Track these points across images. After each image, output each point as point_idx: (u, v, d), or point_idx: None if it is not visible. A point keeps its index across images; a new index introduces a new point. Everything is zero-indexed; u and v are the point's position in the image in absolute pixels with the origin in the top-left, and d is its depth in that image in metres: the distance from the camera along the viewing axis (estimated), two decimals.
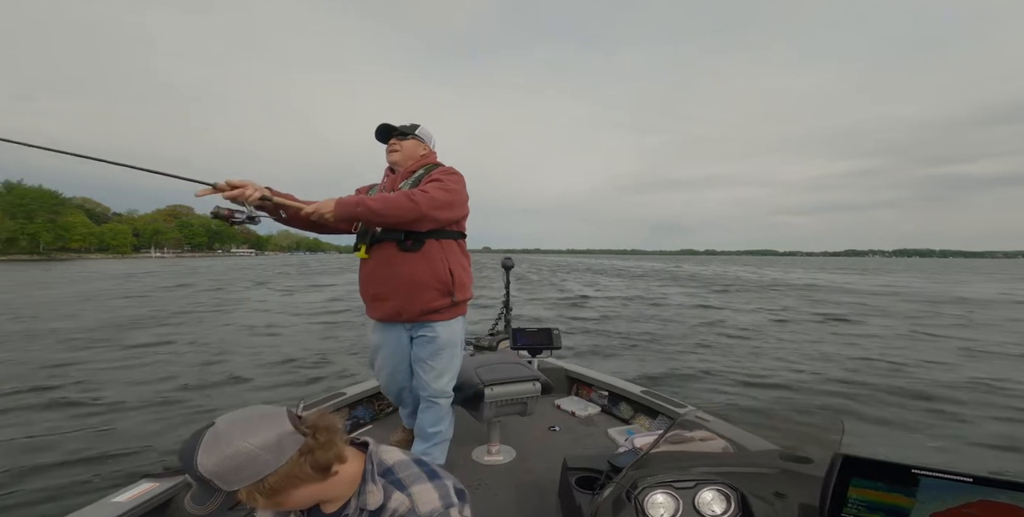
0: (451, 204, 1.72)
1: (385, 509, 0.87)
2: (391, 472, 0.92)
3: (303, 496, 0.84)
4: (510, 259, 3.51)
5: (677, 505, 1.15)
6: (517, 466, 2.17)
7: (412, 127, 1.88)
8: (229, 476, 0.76)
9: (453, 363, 1.91)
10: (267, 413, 0.82)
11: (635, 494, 1.14)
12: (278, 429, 0.79)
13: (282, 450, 0.78)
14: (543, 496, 1.90)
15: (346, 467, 0.88)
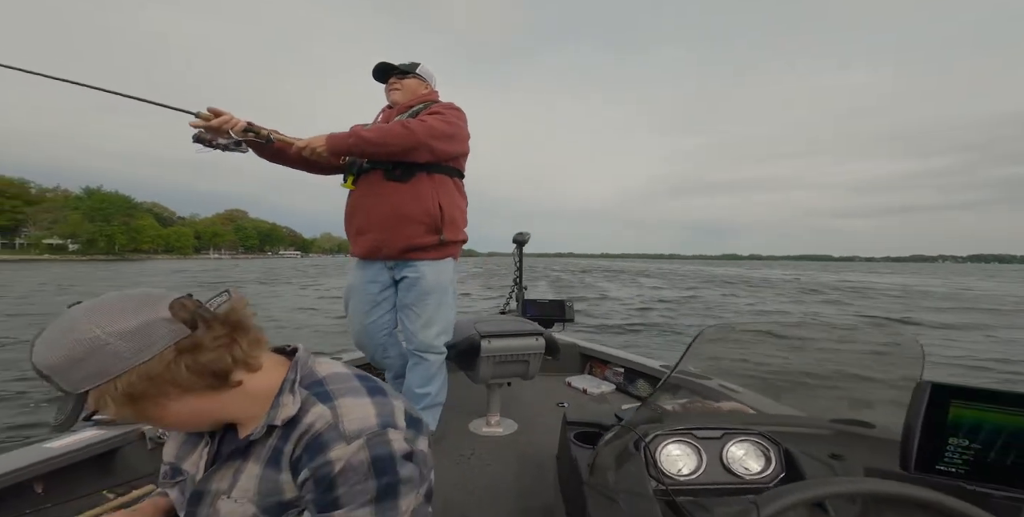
0: (451, 136, 1.59)
1: (297, 425, 0.65)
2: (320, 384, 0.70)
3: (188, 411, 0.63)
4: (523, 234, 3.31)
5: (700, 459, 0.90)
6: (517, 438, 1.96)
7: (413, 65, 1.75)
8: (69, 372, 0.57)
9: (442, 312, 1.71)
10: (145, 296, 0.61)
11: (646, 442, 0.90)
12: (147, 315, 0.59)
13: (146, 341, 0.58)
14: (541, 469, 1.68)
15: (259, 378, 0.67)
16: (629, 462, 0.91)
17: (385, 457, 0.64)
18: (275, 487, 0.66)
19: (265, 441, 0.67)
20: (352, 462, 0.62)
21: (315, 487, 0.62)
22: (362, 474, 0.62)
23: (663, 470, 0.91)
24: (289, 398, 0.67)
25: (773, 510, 0.51)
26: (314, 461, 0.62)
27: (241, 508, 0.66)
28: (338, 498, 0.62)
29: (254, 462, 0.68)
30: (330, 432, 0.63)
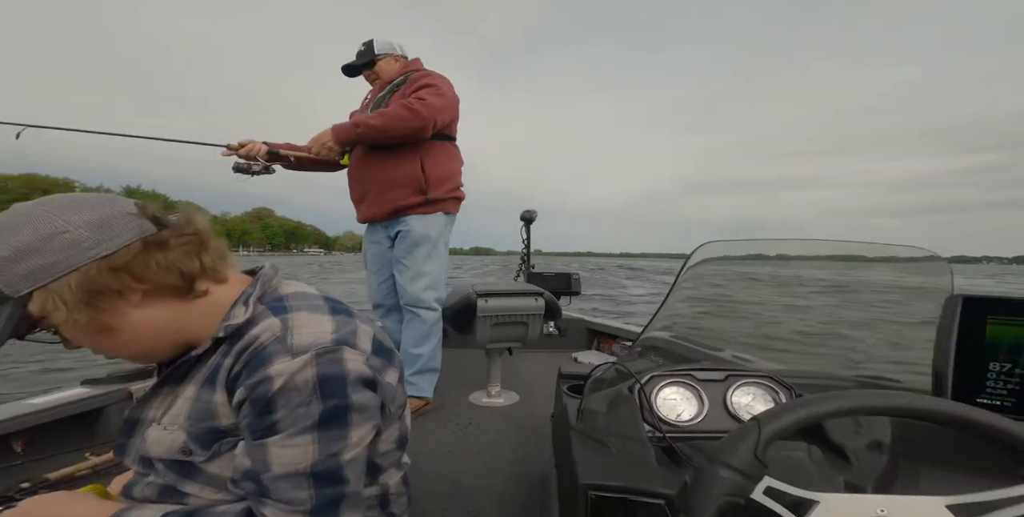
0: (448, 107, 1.64)
1: (242, 338, 0.55)
2: (280, 300, 0.60)
3: (149, 324, 0.54)
4: (531, 211, 3.19)
5: (700, 404, 0.78)
6: (517, 409, 1.86)
7: (368, 50, 1.75)
8: (14, 265, 0.47)
9: (430, 265, 1.70)
10: (105, 194, 0.55)
11: (640, 384, 0.78)
12: (111, 208, 0.52)
13: (110, 233, 0.50)
14: (541, 438, 1.57)
15: (223, 291, 0.59)
16: (621, 406, 0.77)
17: (335, 377, 0.53)
18: (207, 409, 0.56)
19: (206, 360, 0.58)
20: (295, 380, 0.51)
21: (251, 409, 0.52)
22: (306, 395, 0.52)
23: (659, 415, 0.77)
24: (241, 309, 0.58)
25: (778, 428, 0.40)
26: (252, 377, 0.52)
27: (170, 436, 0.56)
28: (276, 423, 0.51)
29: (191, 385, 0.58)
30: (275, 344, 0.53)
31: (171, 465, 0.57)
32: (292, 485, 0.52)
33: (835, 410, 0.41)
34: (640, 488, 0.56)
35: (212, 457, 0.56)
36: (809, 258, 0.89)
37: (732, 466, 0.39)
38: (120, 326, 0.53)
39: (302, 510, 0.52)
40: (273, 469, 0.52)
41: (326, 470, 0.53)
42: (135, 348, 0.56)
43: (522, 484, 1.30)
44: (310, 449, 0.52)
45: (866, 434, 0.66)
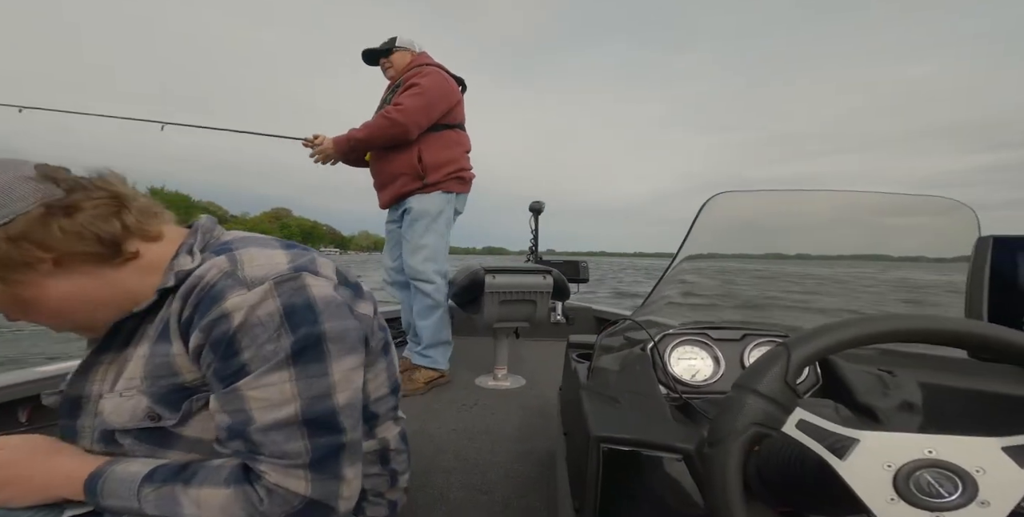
0: (429, 106, 1.71)
1: (187, 280, 0.50)
2: (226, 244, 0.55)
3: (76, 293, 0.49)
4: (539, 202, 3.14)
5: (716, 364, 0.72)
6: (523, 392, 1.82)
7: (391, 41, 1.88)
8: None
9: (428, 238, 1.76)
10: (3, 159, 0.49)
11: (654, 342, 0.73)
12: (3, 174, 0.46)
13: (2, 198, 0.45)
14: (547, 419, 1.53)
15: (159, 248, 0.53)
16: (634, 365, 0.72)
17: (301, 305, 0.48)
18: (166, 364, 0.50)
19: (155, 315, 0.52)
20: (256, 313, 0.46)
21: (213, 353, 0.47)
22: (272, 328, 0.46)
23: (674, 374, 0.71)
24: (187, 258, 0.52)
25: (810, 353, 0.35)
26: (206, 316, 0.46)
27: (130, 402, 0.50)
28: (244, 365, 0.46)
29: (141, 343, 0.52)
30: (225, 279, 0.48)
31: (141, 435, 0.52)
32: (284, 437, 0.47)
33: (872, 333, 0.36)
34: (656, 442, 0.51)
35: (184, 418, 0.51)
36: (820, 258, 0.83)
37: (760, 392, 0.34)
38: (41, 298, 0.48)
39: (300, 464, 0.48)
40: (256, 419, 0.47)
41: (318, 417, 0.48)
42: (71, 319, 0.52)
43: (528, 460, 1.26)
44: (287, 388, 0.47)
45: (895, 394, 0.60)
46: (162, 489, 0.48)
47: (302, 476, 0.48)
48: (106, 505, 0.49)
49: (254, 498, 0.47)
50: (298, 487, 0.47)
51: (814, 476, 0.35)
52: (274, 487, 0.47)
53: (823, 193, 0.75)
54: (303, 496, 0.48)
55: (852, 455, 0.33)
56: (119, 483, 0.49)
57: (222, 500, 0.47)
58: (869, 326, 0.36)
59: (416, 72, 1.77)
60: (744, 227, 0.84)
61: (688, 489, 0.48)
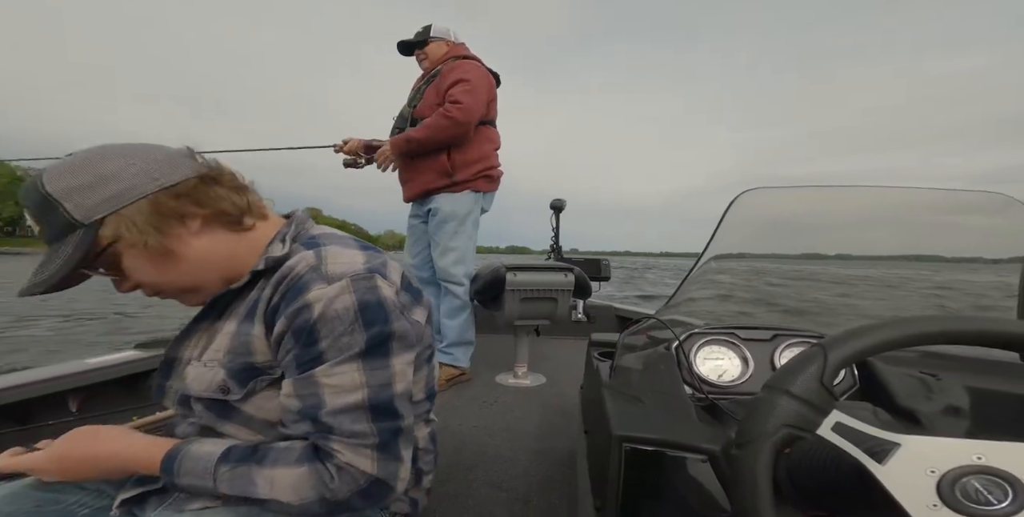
0: (482, 101, 1.69)
1: (278, 271, 0.55)
2: (313, 238, 0.60)
3: (203, 253, 0.55)
4: (560, 200, 3.11)
5: (745, 365, 0.70)
6: (544, 390, 1.80)
7: (425, 31, 1.82)
8: (89, 193, 0.48)
9: (457, 240, 1.74)
10: (161, 145, 0.57)
11: (679, 342, 0.71)
12: (171, 151, 0.55)
13: (173, 168, 0.53)
14: (568, 418, 1.51)
15: (265, 227, 0.60)
16: (658, 364, 0.70)
17: (373, 303, 0.53)
18: (246, 343, 0.54)
19: (246, 295, 0.58)
20: (335, 307, 0.51)
21: (294, 341, 0.51)
22: (348, 323, 0.51)
23: (699, 374, 0.69)
24: (279, 245, 0.58)
25: (848, 354, 0.34)
26: (291, 305, 0.51)
27: (209, 373, 0.55)
28: (321, 353, 0.51)
29: (230, 320, 0.57)
30: (310, 273, 0.53)
31: (209, 405, 0.56)
32: (351, 419, 0.51)
33: (918, 334, 0.33)
34: (680, 442, 0.49)
35: (247, 395, 0.55)
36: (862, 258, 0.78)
37: (793, 394, 0.32)
38: (181, 252, 0.54)
39: (368, 444, 0.51)
40: (327, 403, 0.51)
41: (380, 403, 0.52)
42: (188, 279, 0.56)
43: (548, 457, 1.25)
44: (356, 377, 0.51)
45: (939, 398, 0.56)
46: (237, 469, 0.51)
47: (369, 455, 0.51)
48: (181, 483, 0.52)
49: (325, 476, 0.50)
50: (366, 466, 0.51)
51: (850, 480, 0.33)
52: (344, 465, 0.50)
53: (864, 189, 0.70)
54: (369, 474, 0.51)
55: (892, 460, 0.31)
56: (195, 462, 0.52)
57: (294, 479, 0.50)
58: (914, 327, 0.33)
59: (458, 65, 1.70)
60: (777, 225, 0.80)
61: (713, 490, 0.46)
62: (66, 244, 0.49)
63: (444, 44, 1.81)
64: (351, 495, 0.51)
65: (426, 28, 1.82)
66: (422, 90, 1.75)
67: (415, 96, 1.78)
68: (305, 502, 0.50)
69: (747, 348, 0.71)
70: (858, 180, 67.50)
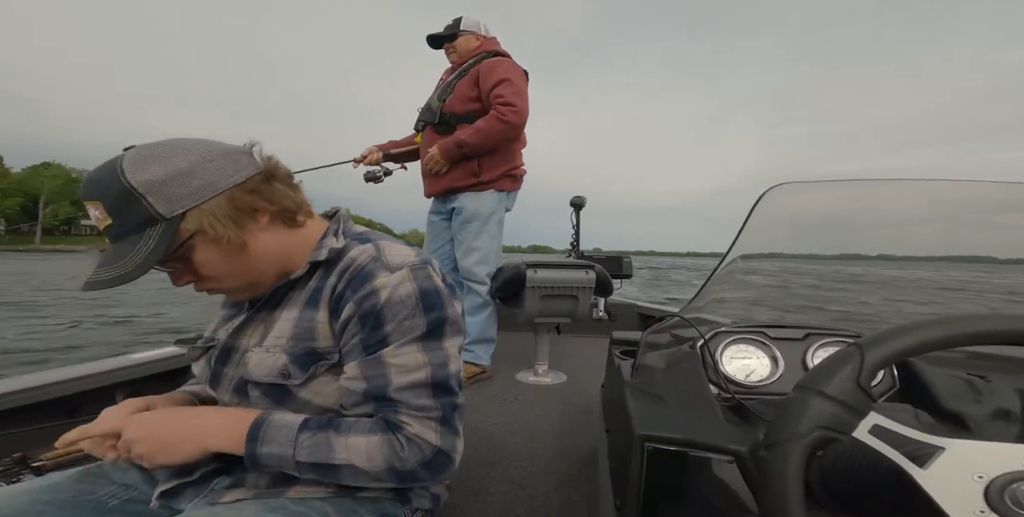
0: (528, 102, 1.66)
1: (339, 262, 0.59)
2: (361, 234, 0.64)
3: (265, 246, 0.57)
4: (580, 197, 3.07)
5: (774, 365, 0.67)
6: (565, 388, 1.78)
7: (456, 24, 1.78)
8: (171, 186, 0.49)
9: (480, 240, 1.73)
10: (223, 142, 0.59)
11: (705, 340, 0.69)
12: (232, 146, 0.56)
13: (240, 164, 0.54)
14: (588, 416, 1.49)
15: (312, 225, 0.62)
16: (682, 363, 0.68)
17: (431, 291, 0.57)
18: (309, 329, 0.57)
19: (304, 285, 0.60)
20: (399, 293, 0.55)
21: (361, 325, 0.55)
22: (410, 307, 0.55)
23: (725, 373, 0.66)
24: (334, 239, 0.62)
25: (887, 355, 0.32)
26: (359, 292, 0.55)
27: (272, 358, 0.57)
28: (387, 335, 0.55)
29: (290, 308, 0.59)
30: (373, 263, 0.57)
31: (267, 390, 0.57)
32: (416, 395, 0.55)
33: (967, 334, 0.31)
34: (705, 442, 0.47)
35: (307, 380, 0.57)
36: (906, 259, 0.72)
37: (827, 394, 0.31)
38: (251, 247, 0.55)
39: (433, 417, 0.55)
40: (393, 381, 0.54)
41: (440, 381, 0.56)
42: (251, 273, 0.58)
43: (569, 456, 1.24)
44: (420, 357, 0.55)
45: (988, 401, 0.52)
46: (317, 436, 0.54)
47: (434, 427, 0.55)
48: (262, 451, 0.53)
49: (396, 445, 0.54)
50: (431, 437, 0.54)
51: (888, 485, 0.31)
52: (413, 436, 0.54)
53: (906, 183, 0.65)
54: (434, 445, 0.54)
55: (935, 464, 0.29)
56: (278, 430, 0.54)
57: (368, 446, 0.53)
58: (962, 326, 0.31)
59: (498, 64, 1.66)
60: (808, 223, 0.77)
61: (738, 492, 0.44)
62: (145, 238, 0.49)
63: (475, 38, 1.76)
64: (417, 465, 0.54)
65: (456, 21, 1.76)
66: (452, 84, 1.70)
67: (445, 90, 1.72)
68: (377, 470, 0.53)
69: (777, 347, 0.68)
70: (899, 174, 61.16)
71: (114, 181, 0.48)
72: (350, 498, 0.58)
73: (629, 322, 2.63)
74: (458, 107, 1.67)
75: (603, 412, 0.96)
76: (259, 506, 0.53)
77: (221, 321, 0.66)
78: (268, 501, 0.54)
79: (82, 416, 1.21)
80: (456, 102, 1.68)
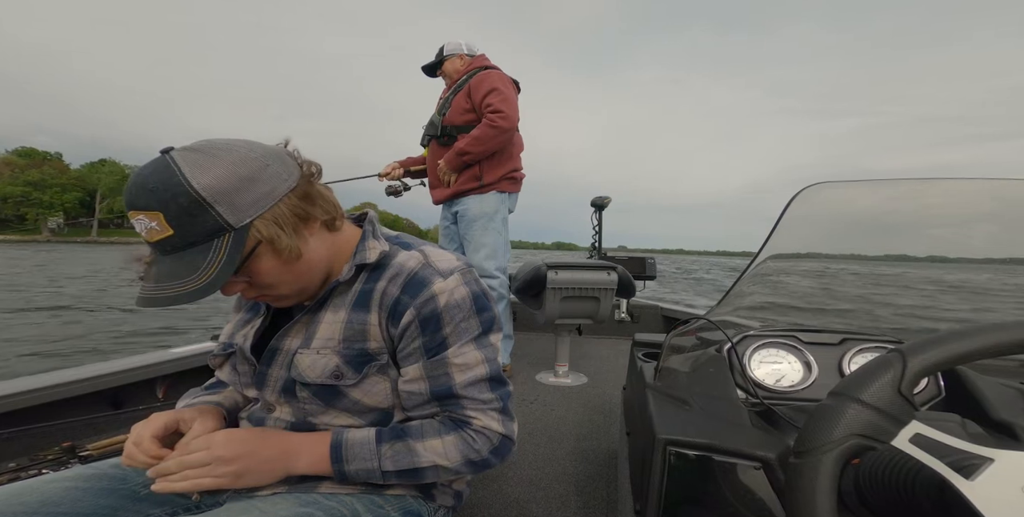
0: (517, 107, 1.77)
1: (387, 267, 0.59)
2: (396, 237, 0.65)
3: (314, 250, 0.55)
4: (602, 197, 3.02)
5: (807, 370, 0.64)
6: (585, 390, 1.76)
7: (440, 53, 1.93)
8: (239, 194, 0.46)
9: (487, 237, 1.81)
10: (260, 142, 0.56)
11: (732, 343, 0.66)
12: (277, 149, 0.53)
13: (289, 167, 0.52)
14: (609, 418, 1.47)
15: (348, 229, 0.61)
16: (708, 366, 0.66)
17: (480, 294, 0.60)
18: (361, 331, 0.57)
19: (348, 288, 0.60)
20: (455, 297, 0.57)
21: (422, 329, 0.56)
22: (466, 310, 0.58)
23: (754, 378, 0.64)
24: (374, 242, 0.61)
25: (931, 362, 0.30)
26: (418, 298, 0.56)
27: (323, 359, 0.57)
28: (446, 337, 0.57)
29: (334, 310, 0.59)
30: (425, 269, 0.58)
31: (318, 390, 0.57)
32: (479, 390, 0.58)
33: (1013, 342, 0.29)
34: (731, 448, 0.46)
35: (360, 380, 0.57)
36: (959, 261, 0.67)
37: (865, 401, 0.29)
38: (305, 254, 0.53)
39: (495, 408, 0.59)
40: (457, 379, 0.57)
41: (495, 374, 0.60)
42: (303, 280, 0.56)
43: (588, 458, 1.22)
44: (478, 355, 0.58)
45: None
46: (396, 445, 0.56)
47: (496, 417, 0.59)
48: (349, 469, 0.55)
49: (468, 439, 0.57)
50: (496, 426, 0.59)
51: (928, 496, 0.29)
52: (481, 428, 0.58)
53: (953, 182, 0.61)
54: (500, 433, 0.59)
55: (983, 476, 0.27)
56: (359, 447, 0.56)
57: (445, 445, 0.57)
58: (1014, 333, 0.29)
59: (486, 76, 1.78)
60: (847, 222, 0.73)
61: (765, 500, 0.43)
62: (215, 249, 0.46)
63: (458, 59, 1.91)
64: (489, 454, 0.58)
65: (440, 49, 1.93)
66: (449, 100, 1.85)
67: (444, 105, 1.88)
68: (456, 464, 0.57)
69: (810, 352, 0.65)
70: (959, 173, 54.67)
71: (177, 189, 0.44)
72: (378, 495, 0.59)
73: (652, 324, 2.58)
74: (457, 119, 1.81)
75: (624, 415, 0.94)
76: (293, 500, 0.54)
77: (238, 326, 0.65)
78: (301, 496, 0.55)
79: (125, 408, 1.26)
80: (454, 114, 1.82)
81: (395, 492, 0.60)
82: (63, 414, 1.12)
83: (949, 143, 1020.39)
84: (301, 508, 0.52)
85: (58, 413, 1.11)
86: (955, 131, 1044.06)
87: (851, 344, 0.64)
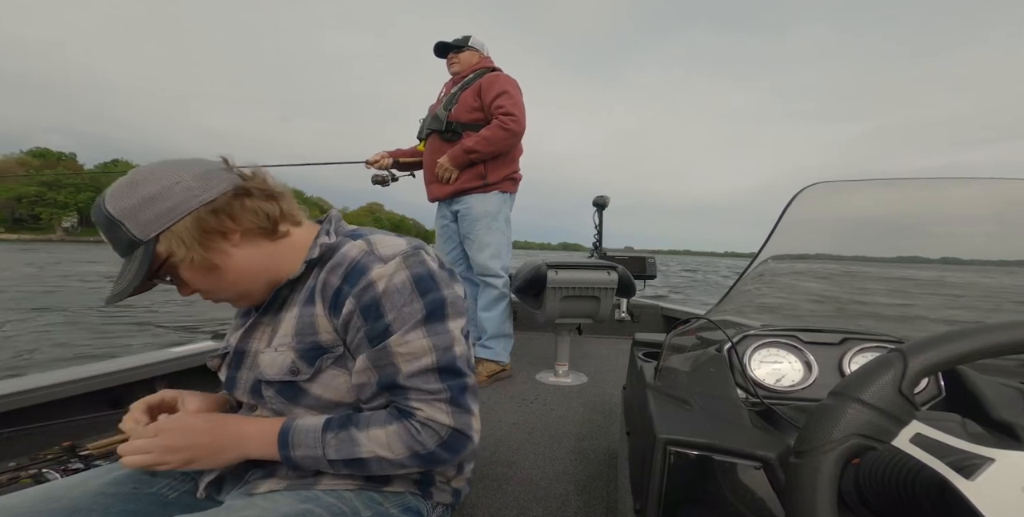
0: (524, 111, 1.76)
1: (333, 255, 0.59)
2: (352, 231, 0.64)
3: (246, 262, 0.57)
4: (603, 197, 3.01)
5: (807, 370, 0.63)
6: (585, 390, 1.74)
7: (464, 39, 1.89)
8: (142, 212, 0.51)
9: (491, 236, 1.80)
10: (200, 158, 0.59)
11: (732, 343, 0.66)
12: (209, 165, 0.57)
13: (212, 182, 0.54)
14: (609, 418, 1.46)
15: (302, 232, 0.62)
16: (708, 366, 0.65)
17: (425, 275, 0.57)
18: (311, 323, 0.58)
19: (302, 285, 0.61)
20: (394, 282, 0.55)
21: (363, 318, 0.55)
22: (407, 294, 0.56)
23: (754, 378, 0.63)
24: (326, 238, 0.61)
25: (932, 362, 0.29)
26: (357, 285, 0.55)
27: (281, 356, 0.58)
28: (388, 325, 0.55)
29: (290, 308, 0.60)
30: (367, 257, 0.57)
31: (280, 388, 0.59)
32: (424, 380, 0.56)
33: (1015, 341, 0.28)
34: (731, 448, 0.45)
35: (315, 374, 0.58)
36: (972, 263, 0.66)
37: (865, 401, 0.29)
38: (226, 265, 0.56)
39: (443, 398, 0.57)
40: (402, 368, 0.55)
41: (447, 364, 0.57)
42: (239, 287, 0.59)
43: (588, 457, 1.21)
44: (424, 343, 0.56)
45: None
46: (340, 434, 0.56)
47: (444, 409, 0.56)
48: (295, 455, 0.56)
49: (412, 430, 0.56)
50: (443, 419, 0.56)
51: (928, 496, 0.29)
52: (425, 420, 0.56)
53: (954, 182, 0.60)
54: (448, 426, 0.56)
55: (983, 476, 0.27)
56: (305, 434, 0.56)
57: (388, 436, 0.55)
58: (1016, 332, 0.28)
59: (497, 78, 1.78)
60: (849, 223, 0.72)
61: (765, 500, 0.42)
62: (134, 258, 0.52)
63: (477, 54, 1.90)
64: (436, 447, 0.56)
65: (466, 37, 1.90)
66: (456, 95, 1.81)
67: (450, 101, 1.83)
68: (400, 457, 0.55)
69: (810, 352, 0.64)
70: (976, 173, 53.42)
71: (98, 210, 0.52)
72: (376, 492, 0.59)
73: (653, 323, 2.57)
74: (463, 116, 1.78)
75: (624, 414, 0.93)
76: (293, 497, 0.55)
77: (234, 328, 0.67)
78: (301, 492, 0.56)
79: (125, 407, 1.26)
80: (461, 111, 1.78)
81: (394, 489, 0.60)
82: (63, 414, 1.12)
83: (966, 144, 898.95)
84: (301, 504, 0.53)
85: (58, 413, 1.11)
86: (972, 132, 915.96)
87: (851, 344, 0.64)
